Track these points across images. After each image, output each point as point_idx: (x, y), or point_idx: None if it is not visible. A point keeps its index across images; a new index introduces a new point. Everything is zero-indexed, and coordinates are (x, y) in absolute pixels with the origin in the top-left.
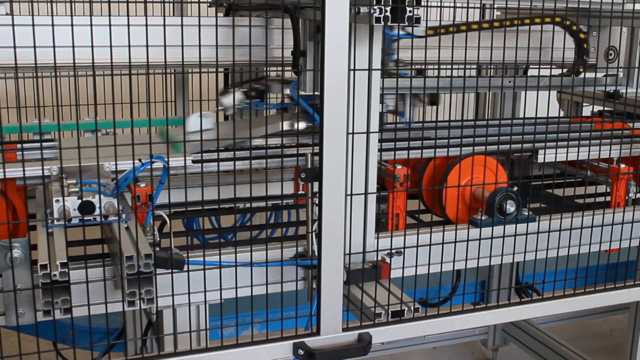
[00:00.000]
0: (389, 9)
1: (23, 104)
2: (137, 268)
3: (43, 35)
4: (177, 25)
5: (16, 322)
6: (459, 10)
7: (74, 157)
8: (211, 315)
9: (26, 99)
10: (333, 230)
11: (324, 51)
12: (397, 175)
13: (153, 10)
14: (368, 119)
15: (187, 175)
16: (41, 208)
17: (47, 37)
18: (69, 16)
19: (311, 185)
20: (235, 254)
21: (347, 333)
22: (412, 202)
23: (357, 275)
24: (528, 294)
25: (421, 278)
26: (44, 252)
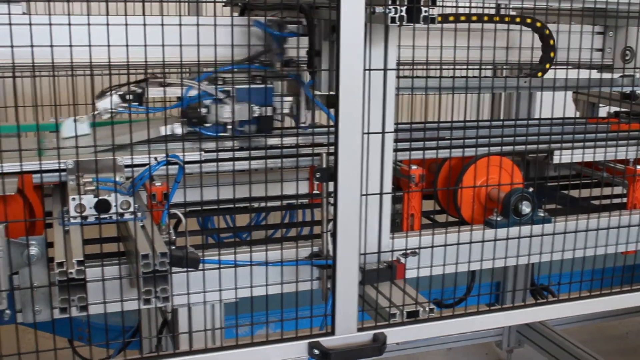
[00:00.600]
0: (404, 9)
1: (40, 102)
2: (152, 266)
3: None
4: (193, 25)
5: (33, 319)
6: (474, 10)
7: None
8: (226, 314)
9: (42, 98)
10: (348, 230)
11: (339, 51)
12: (412, 175)
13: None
14: (383, 119)
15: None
16: (57, 206)
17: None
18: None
19: (326, 184)
20: (250, 253)
21: (362, 333)
22: (426, 203)
23: (372, 275)
24: (543, 295)
25: (436, 278)
26: (61, 249)
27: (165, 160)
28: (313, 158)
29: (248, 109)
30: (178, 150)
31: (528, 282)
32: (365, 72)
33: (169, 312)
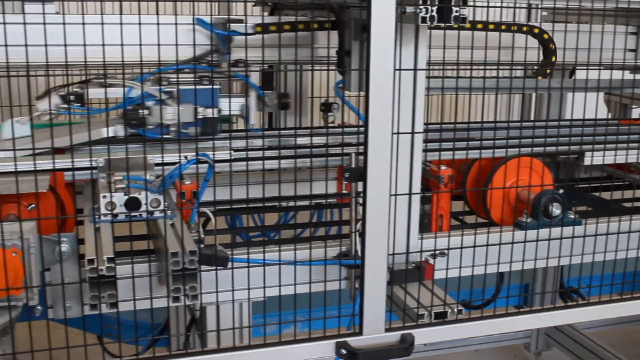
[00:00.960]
0: (435, 8)
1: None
2: (182, 264)
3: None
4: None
5: (64, 315)
6: (504, 10)
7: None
8: (253, 313)
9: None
10: (377, 230)
11: (370, 51)
12: (442, 175)
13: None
14: (413, 119)
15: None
16: (88, 203)
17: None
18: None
19: (355, 184)
20: (279, 252)
21: (389, 333)
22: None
23: (400, 275)
24: (572, 298)
25: (464, 280)
26: (91, 246)
27: (195, 159)
28: (342, 158)
29: (192, 111)
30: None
31: (557, 285)
32: (395, 72)
33: (197, 310)
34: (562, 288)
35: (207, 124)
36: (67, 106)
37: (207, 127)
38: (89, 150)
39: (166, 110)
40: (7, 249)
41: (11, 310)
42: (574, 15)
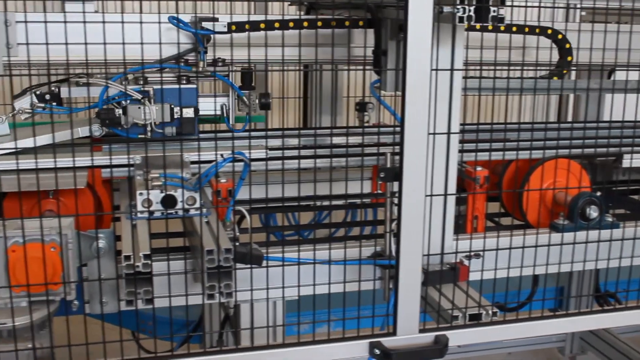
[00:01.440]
0: (473, 8)
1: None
2: (217, 262)
3: (131, 32)
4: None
5: (100, 310)
6: (542, 10)
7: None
8: (287, 311)
9: None
10: (412, 231)
11: (406, 51)
12: (477, 176)
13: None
14: (449, 120)
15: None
16: (125, 200)
17: (136, 34)
18: (157, 14)
19: (390, 184)
20: (314, 251)
21: (423, 334)
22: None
23: (435, 276)
24: (609, 302)
25: (499, 282)
26: (128, 243)
27: (231, 157)
28: (378, 157)
29: (168, 110)
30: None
31: (593, 288)
32: (431, 72)
33: (231, 307)
34: (598, 292)
35: (184, 123)
36: (44, 105)
37: (185, 127)
38: (127, 147)
39: (141, 110)
40: (46, 244)
41: (49, 305)
42: (614, 15)
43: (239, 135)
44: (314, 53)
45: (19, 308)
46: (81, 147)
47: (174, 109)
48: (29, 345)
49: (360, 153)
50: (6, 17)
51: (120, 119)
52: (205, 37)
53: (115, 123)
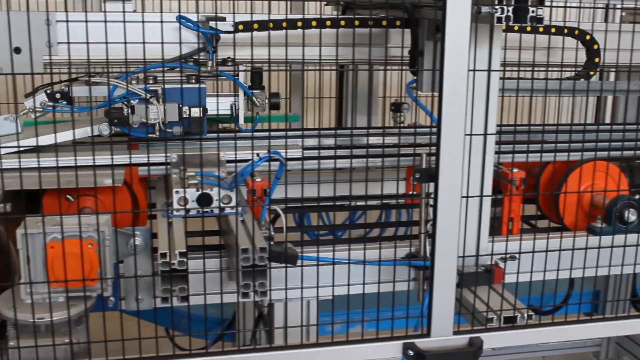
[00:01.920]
0: (511, 9)
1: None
2: (252, 261)
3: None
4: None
5: (136, 307)
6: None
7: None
8: (320, 311)
9: None
10: (447, 232)
11: (444, 51)
12: (514, 178)
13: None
14: (486, 121)
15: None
16: (161, 198)
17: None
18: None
19: (425, 185)
20: (348, 251)
21: (457, 336)
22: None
23: (470, 278)
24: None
25: (534, 285)
26: (164, 241)
27: (267, 156)
28: (414, 158)
29: (177, 110)
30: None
31: (630, 293)
32: (469, 72)
33: (265, 306)
34: (635, 296)
35: (192, 123)
36: (52, 104)
37: (193, 127)
38: (164, 145)
39: (150, 110)
40: (84, 241)
41: (86, 301)
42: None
43: (275, 135)
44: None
45: (56, 303)
46: (118, 144)
47: (182, 109)
48: (66, 340)
49: (396, 153)
50: (48, 17)
51: (129, 118)
52: (215, 36)
53: (123, 122)
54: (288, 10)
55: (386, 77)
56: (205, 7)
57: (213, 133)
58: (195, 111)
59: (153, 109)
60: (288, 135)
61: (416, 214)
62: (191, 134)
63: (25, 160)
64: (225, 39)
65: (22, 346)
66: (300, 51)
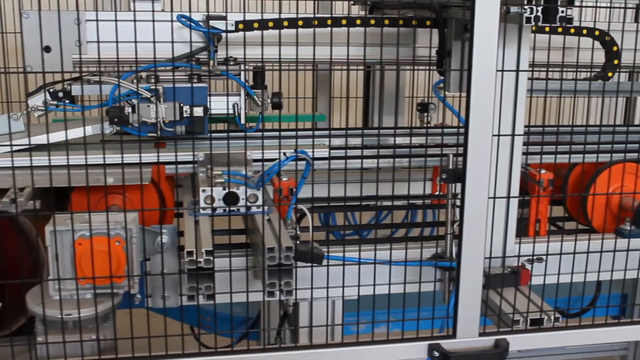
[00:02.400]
0: (541, 9)
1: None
2: (278, 260)
3: None
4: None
5: (162, 304)
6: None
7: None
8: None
9: None
10: (474, 233)
11: (472, 51)
12: (541, 179)
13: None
14: (514, 121)
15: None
16: (188, 196)
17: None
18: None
19: (451, 186)
20: (374, 251)
21: (483, 338)
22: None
23: (496, 280)
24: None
25: (561, 287)
26: (191, 239)
27: (294, 155)
28: (441, 159)
29: (178, 109)
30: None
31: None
32: (497, 72)
33: (290, 305)
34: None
35: (194, 122)
36: (56, 103)
37: (195, 126)
38: (192, 144)
39: (150, 109)
40: (111, 238)
41: (113, 298)
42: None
43: (302, 134)
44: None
45: (84, 300)
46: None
47: (183, 108)
48: (93, 336)
49: (422, 154)
50: (78, 16)
51: (129, 117)
52: (216, 35)
53: (124, 121)
54: (316, 9)
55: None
56: (233, 6)
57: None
58: (196, 110)
59: (153, 108)
60: (315, 135)
61: (442, 214)
62: (193, 133)
63: (54, 158)
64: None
65: (49, 342)
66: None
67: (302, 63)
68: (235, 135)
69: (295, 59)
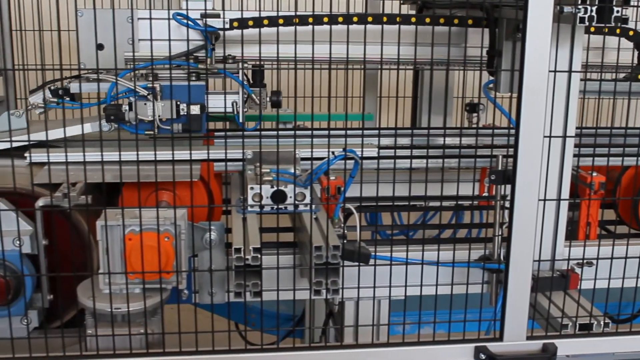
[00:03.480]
0: (595, 8)
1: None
2: (325, 258)
3: None
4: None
5: (209, 300)
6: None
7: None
8: (390, 311)
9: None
10: (523, 236)
11: (524, 51)
12: (593, 182)
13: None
14: (565, 123)
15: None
16: (236, 194)
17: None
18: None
19: (500, 187)
20: (422, 251)
21: (531, 342)
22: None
23: (545, 283)
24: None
25: (611, 292)
26: (239, 236)
27: (342, 154)
28: (491, 160)
29: (175, 107)
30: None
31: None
32: (549, 73)
33: (336, 304)
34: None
35: (191, 120)
36: (56, 100)
37: (192, 124)
38: (242, 142)
39: (146, 107)
40: (161, 234)
41: (162, 293)
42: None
43: (351, 134)
44: (425, 52)
45: (132, 294)
46: (196, 139)
47: (179, 106)
48: (141, 330)
49: (472, 154)
50: (132, 15)
51: (126, 115)
52: (214, 34)
53: (120, 119)
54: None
55: (463, 77)
56: (283, 4)
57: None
58: (194, 108)
59: (149, 106)
60: (365, 134)
61: (490, 216)
62: (191, 131)
63: (107, 154)
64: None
65: (99, 334)
66: (376, 49)
67: (349, 62)
68: (285, 133)
69: (346, 58)
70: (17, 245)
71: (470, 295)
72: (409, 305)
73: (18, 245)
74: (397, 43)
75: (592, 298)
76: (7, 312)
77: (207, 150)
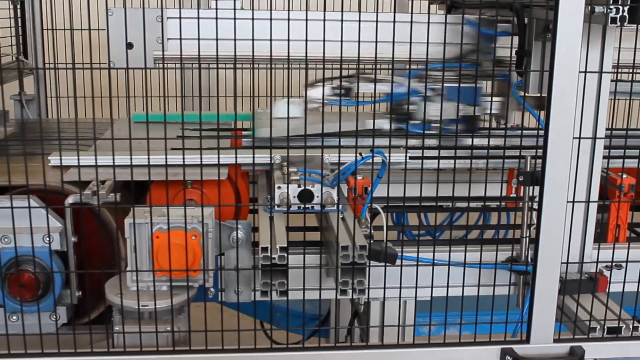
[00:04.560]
0: (627, 8)
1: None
2: (351, 258)
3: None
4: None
5: (235, 299)
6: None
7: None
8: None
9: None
10: (551, 237)
11: (554, 52)
12: (622, 184)
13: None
14: (595, 124)
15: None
16: (263, 193)
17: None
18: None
19: (528, 189)
20: (449, 252)
21: (558, 344)
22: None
23: (572, 285)
24: None
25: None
26: (266, 235)
27: (370, 155)
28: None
29: (455, 108)
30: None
31: None
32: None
33: (362, 304)
34: None
35: (468, 121)
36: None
37: (469, 125)
38: (269, 145)
39: (430, 107)
40: (188, 232)
41: (188, 290)
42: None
43: (379, 134)
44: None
45: (159, 292)
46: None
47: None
48: (168, 327)
49: (500, 155)
50: (162, 14)
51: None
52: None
53: (407, 118)
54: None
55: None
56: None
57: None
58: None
59: (433, 107)
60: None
61: (518, 217)
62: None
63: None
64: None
65: (126, 331)
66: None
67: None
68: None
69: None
70: (47, 242)
71: (496, 297)
72: (435, 306)
73: (48, 242)
74: (426, 43)
75: (620, 301)
76: (37, 308)
77: (235, 154)
